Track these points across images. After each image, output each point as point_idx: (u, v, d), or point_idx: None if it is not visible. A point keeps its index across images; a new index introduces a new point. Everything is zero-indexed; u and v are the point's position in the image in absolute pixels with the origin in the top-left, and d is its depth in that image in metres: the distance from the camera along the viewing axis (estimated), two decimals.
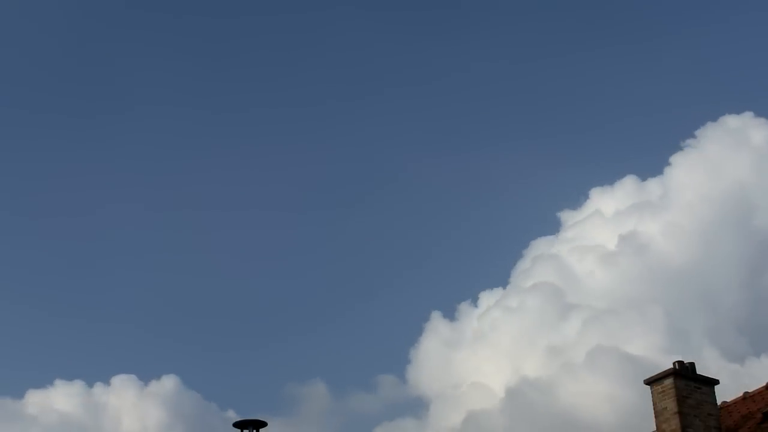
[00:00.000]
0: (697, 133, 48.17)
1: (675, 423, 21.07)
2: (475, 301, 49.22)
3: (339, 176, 65.91)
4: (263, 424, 20.11)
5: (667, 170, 47.74)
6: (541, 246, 49.05)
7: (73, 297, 62.34)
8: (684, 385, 21.41)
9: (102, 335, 59.56)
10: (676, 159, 47.49)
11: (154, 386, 51.54)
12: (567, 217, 49.97)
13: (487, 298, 48.13)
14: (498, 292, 48.03)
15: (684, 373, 21.54)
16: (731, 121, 48.00)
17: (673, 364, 21.63)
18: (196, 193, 66.29)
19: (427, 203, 64.21)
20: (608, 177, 52.46)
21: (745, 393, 22.93)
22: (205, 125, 67.36)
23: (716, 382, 21.82)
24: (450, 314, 51.25)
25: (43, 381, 58.77)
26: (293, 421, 52.31)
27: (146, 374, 57.73)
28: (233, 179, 66.62)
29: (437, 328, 49.23)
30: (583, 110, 64.84)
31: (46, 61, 67.70)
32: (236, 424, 20.23)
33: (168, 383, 51.55)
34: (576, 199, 52.99)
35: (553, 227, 51.00)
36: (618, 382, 35.49)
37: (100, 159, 66.39)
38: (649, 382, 21.72)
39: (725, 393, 22.92)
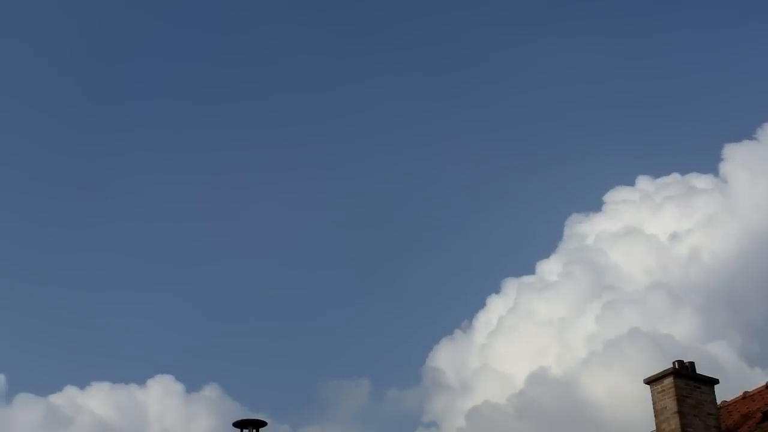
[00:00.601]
0: (758, 129, 48.14)
1: (675, 422, 21.05)
2: (500, 292, 49.06)
3: (364, 181, 65.97)
4: (263, 423, 20.15)
5: (720, 166, 47.83)
6: (573, 239, 49.07)
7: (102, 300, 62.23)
8: (684, 384, 21.38)
9: (139, 339, 59.69)
10: (730, 155, 47.58)
11: (195, 393, 51.54)
12: (604, 209, 49.66)
13: (517, 288, 47.78)
14: (529, 279, 47.97)
15: (684, 372, 21.54)
16: None
17: (673, 363, 21.60)
18: (233, 198, 66.38)
19: (465, 191, 64.14)
20: (654, 169, 52.64)
21: (745, 392, 22.90)
22: (233, 128, 67.54)
23: (716, 381, 21.79)
24: (480, 305, 50.66)
25: (81, 381, 58.51)
26: (332, 425, 52.33)
27: (187, 380, 57.39)
28: (271, 184, 66.80)
29: (469, 322, 49.13)
30: (641, 99, 64.68)
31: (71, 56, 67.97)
32: (236, 424, 20.23)
33: (209, 391, 51.52)
34: (615, 190, 51.95)
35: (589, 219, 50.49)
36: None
37: (136, 155, 66.76)
38: (649, 381, 21.70)
39: (725, 392, 22.94)
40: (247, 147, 67.84)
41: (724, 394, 22.90)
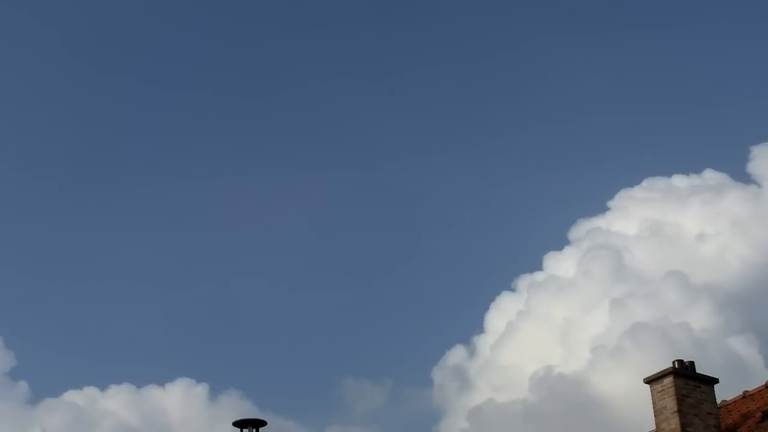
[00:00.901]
0: None
1: (674, 422, 21.08)
2: (514, 290, 49.09)
3: (382, 181, 65.76)
4: (263, 423, 20.26)
5: (749, 165, 47.86)
6: (591, 235, 49.06)
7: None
8: (683, 384, 21.40)
9: (159, 341, 59.96)
10: (757, 155, 47.65)
11: (215, 396, 51.67)
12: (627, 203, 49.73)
13: (529, 285, 47.79)
14: (541, 276, 47.98)
15: (683, 372, 21.56)
16: None
17: (673, 363, 21.63)
18: (253, 198, 66.54)
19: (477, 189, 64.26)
20: (667, 167, 52.50)
21: (745, 392, 22.90)
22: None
23: (716, 380, 21.79)
24: (492, 304, 50.61)
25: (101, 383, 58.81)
26: (352, 425, 52.56)
27: (208, 382, 57.24)
28: (281, 181, 66.79)
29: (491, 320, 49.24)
30: (664, 97, 64.54)
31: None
32: (236, 423, 20.32)
33: (229, 394, 51.69)
34: (632, 188, 51.62)
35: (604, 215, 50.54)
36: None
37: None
38: (649, 381, 21.74)
39: (725, 392, 22.95)
40: (256, 145, 68.14)
41: (726, 392, 23.01)
